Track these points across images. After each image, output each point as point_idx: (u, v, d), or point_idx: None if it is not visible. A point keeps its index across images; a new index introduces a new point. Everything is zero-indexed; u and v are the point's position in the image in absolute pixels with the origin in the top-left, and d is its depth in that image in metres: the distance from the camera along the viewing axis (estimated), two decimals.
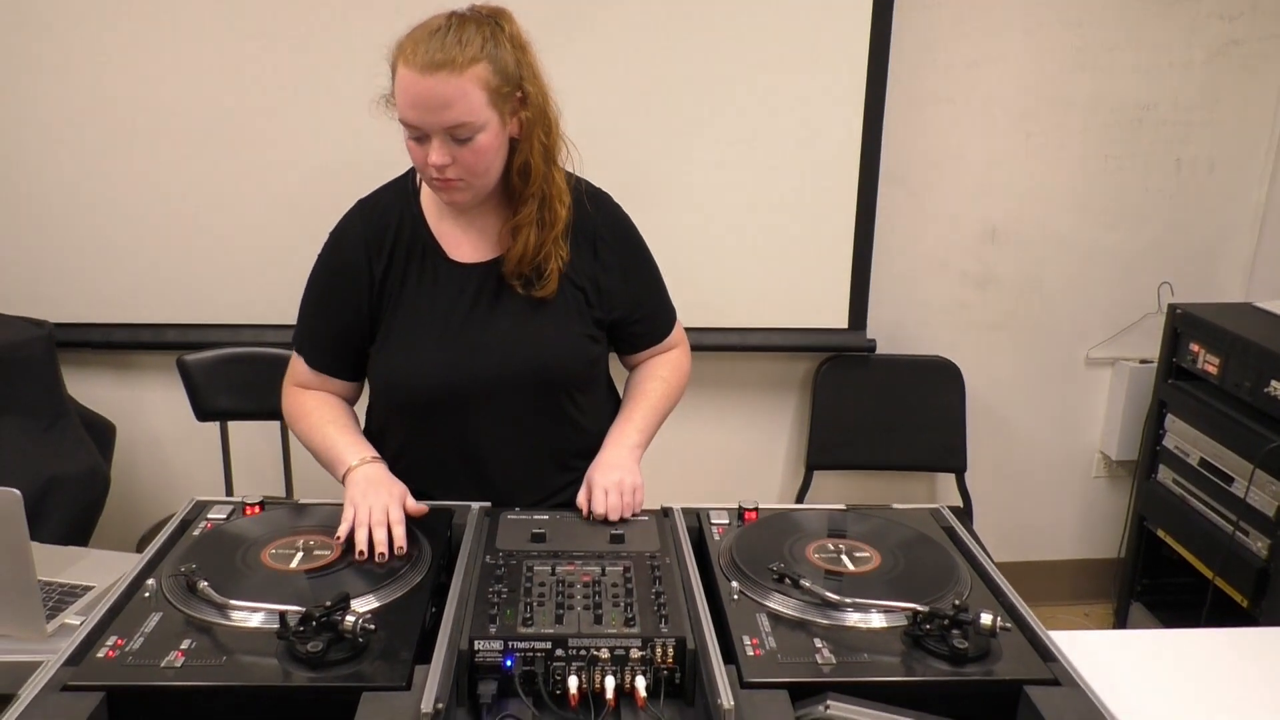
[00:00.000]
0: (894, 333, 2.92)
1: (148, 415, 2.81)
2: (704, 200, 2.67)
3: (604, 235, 1.61)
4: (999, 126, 2.76)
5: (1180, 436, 2.68)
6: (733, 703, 1.05)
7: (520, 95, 1.45)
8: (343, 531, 1.37)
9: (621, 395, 1.75)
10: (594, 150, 1.60)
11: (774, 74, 2.59)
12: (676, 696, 1.16)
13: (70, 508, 2.26)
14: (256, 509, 1.48)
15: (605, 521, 1.48)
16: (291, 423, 1.64)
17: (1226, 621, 2.07)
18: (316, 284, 1.61)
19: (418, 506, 1.46)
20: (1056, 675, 1.14)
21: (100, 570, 1.63)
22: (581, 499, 1.53)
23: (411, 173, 1.61)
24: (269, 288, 2.66)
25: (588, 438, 1.65)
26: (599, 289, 1.61)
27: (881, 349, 2.88)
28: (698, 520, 1.50)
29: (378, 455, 1.54)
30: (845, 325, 2.82)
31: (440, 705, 1.04)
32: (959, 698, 1.13)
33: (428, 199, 1.58)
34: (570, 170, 1.58)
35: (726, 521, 1.50)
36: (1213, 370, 2.56)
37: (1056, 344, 2.99)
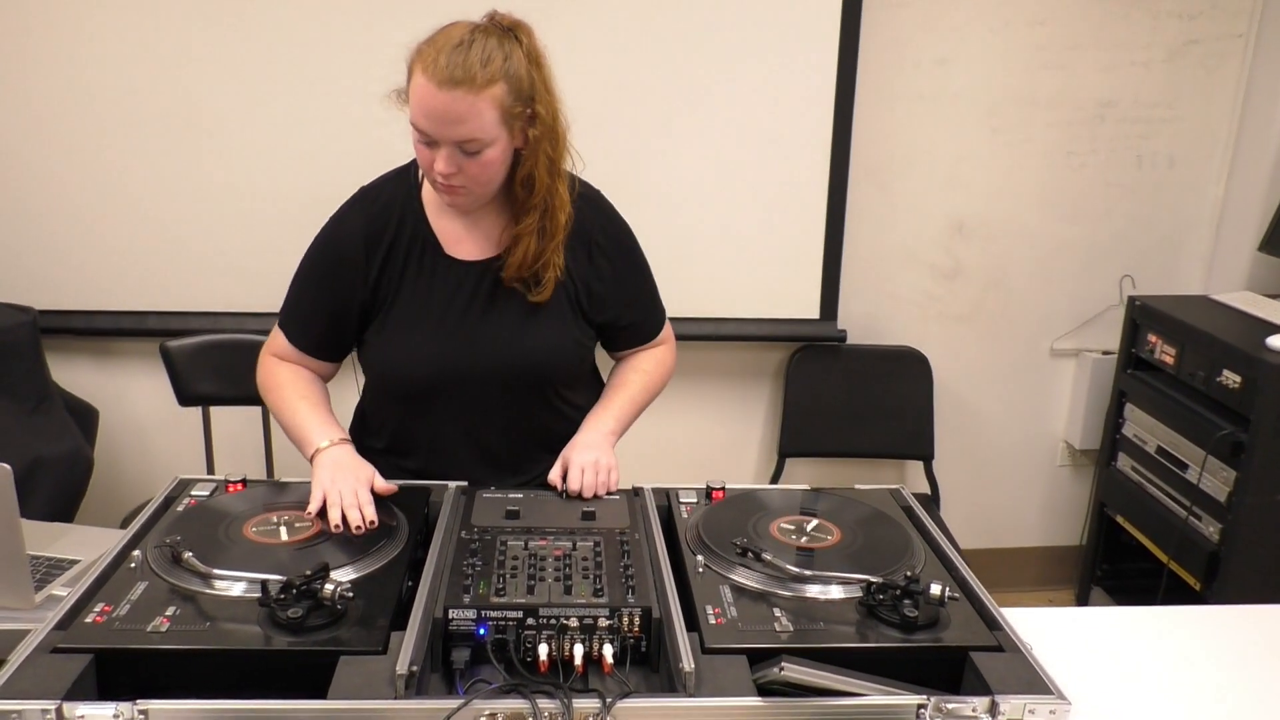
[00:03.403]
0: (864, 323, 2.98)
1: (130, 400, 2.84)
2: (679, 194, 2.72)
3: (599, 240, 1.64)
4: (966, 123, 2.83)
5: (1139, 425, 2.76)
6: (693, 666, 1.11)
7: (530, 113, 1.47)
8: (312, 509, 1.42)
9: (605, 382, 1.80)
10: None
11: (746, 71, 2.64)
12: (642, 664, 1.22)
13: (54, 489, 2.30)
14: (239, 486, 1.52)
15: (578, 498, 1.53)
16: (264, 391, 1.67)
17: (1180, 605, 2.14)
18: (310, 267, 1.63)
19: (386, 486, 1.50)
20: (1000, 642, 1.21)
21: (86, 545, 1.67)
22: (555, 476, 1.58)
23: (414, 165, 1.63)
24: (250, 276, 2.69)
25: (573, 424, 1.69)
26: (591, 292, 1.65)
27: (852, 339, 2.95)
28: (667, 499, 1.56)
29: (346, 436, 1.57)
30: (817, 316, 2.88)
31: (414, 668, 1.09)
32: (909, 663, 1.18)
33: (429, 194, 1.60)
34: (571, 172, 1.60)
35: (695, 500, 1.55)
36: (1169, 361, 2.63)
37: (1022, 335, 3.07)
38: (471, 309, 1.59)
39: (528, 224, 1.54)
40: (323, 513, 1.42)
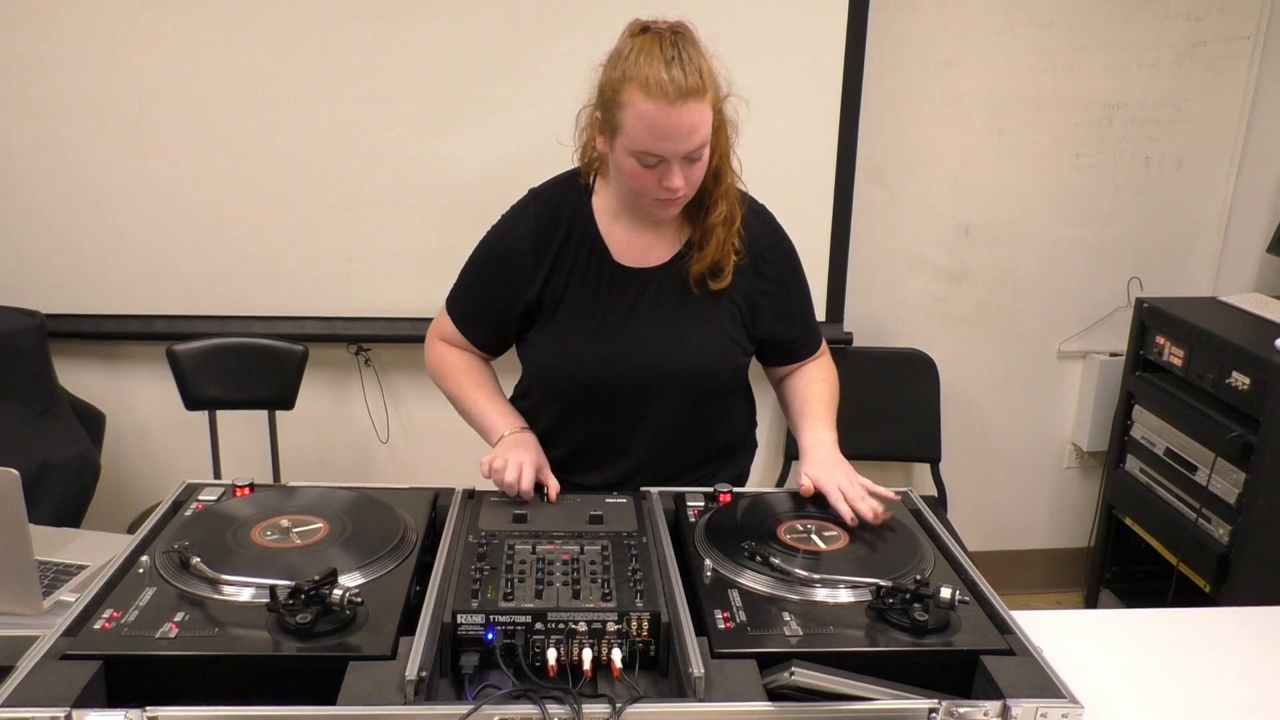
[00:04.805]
0: (871, 326, 2.97)
1: (137, 404, 2.84)
2: None
3: (766, 254, 1.64)
4: (973, 125, 2.82)
5: (1147, 427, 2.75)
6: (703, 670, 1.11)
7: (719, 107, 1.48)
8: (485, 461, 1.53)
9: (786, 405, 1.78)
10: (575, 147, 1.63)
11: (752, 73, 2.61)
12: (651, 668, 1.21)
13: (62, 493, 2.30)
14: (246, 491, 1.52)
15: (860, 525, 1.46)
16: (437, 377, 1.72)
17: (1190, 607, 2.13)
18: (479, 264, 1.65)
19: (553, 482, 1.54)
20: (1011, 646, 1.20)
21: (93, 550, 1.67)
22: (837, 503, 1.48)
23: (578, 172, 1.63)
24: (257, 280, 2.70)
25: (724, 437, 1.71)
26: (754, 305, 1.64)
27: (858, 341, 2.94)
28: (674, 503, 1.55)
29: (526, 425, 1.63)
30: (823, 318, 2.87)
31: (424, 674, 1.09)
32: (919, 667, 1.18)
33: (600, 202, 1.61)
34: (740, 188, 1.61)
35: (702, 504, 1.55)
36: (1178, 362, 2.63)
37: (1029, 337, 3.06)
38: (635, 314, 1.60)
39: (719, 214, 1.55)
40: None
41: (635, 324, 1.60)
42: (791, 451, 2.97)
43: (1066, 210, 2.93)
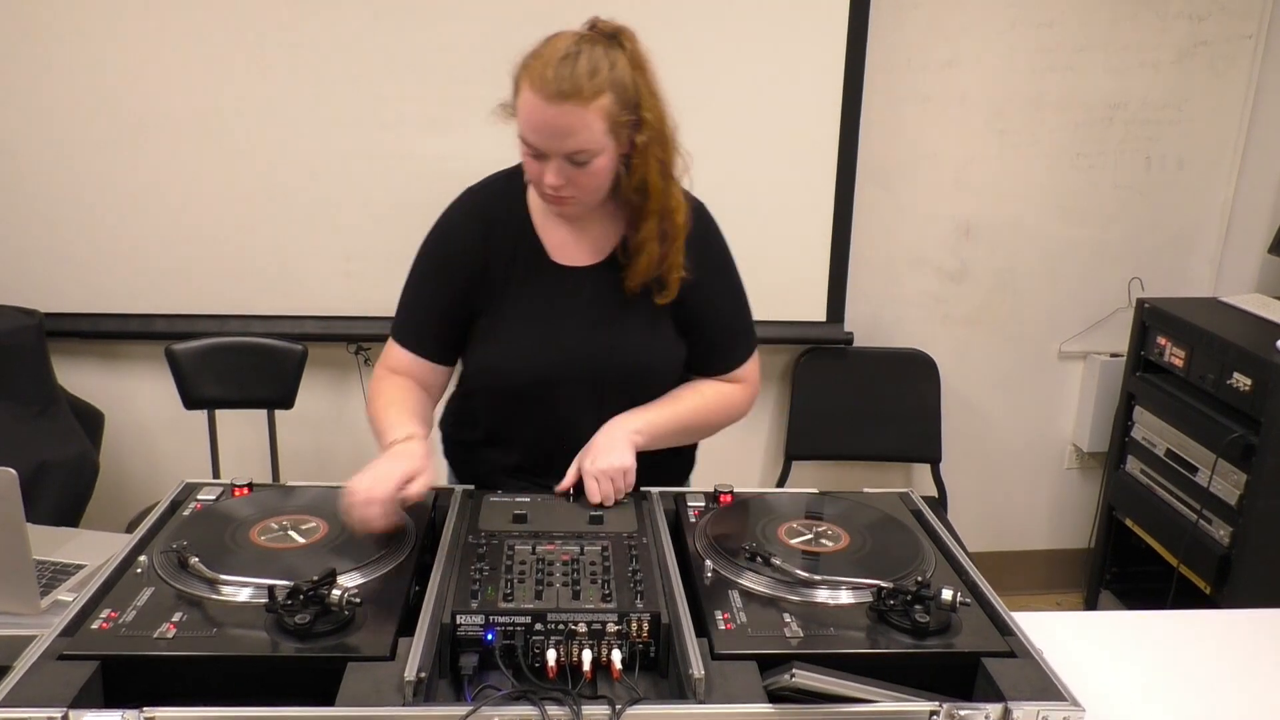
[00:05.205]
0: (871, 326, 2.97)
1: (136, 404, 2.84)
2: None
3: (700, 248, 1.62)
4: (973, 125, 2.82)
5: (1147, 428, 2.74)
6: (703, 672, 1.10)
7: (636, 120, 1.46)
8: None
9: None
10: None
11: (753, 73, 2.64)
12: (651, 669, 1.21)
13: (60, 493, 2.29)
14: (245, 490, 1.52)
15: (597, 506, 1.50)
16: (368, 405, 1.64)
17: (1190, 609, 2.13)
18: (423, 269, 1.64)
19: (419, 494, 1.41)
20: (1012, 648, 1.19)
21: (91, 550, 1.66)
22: (567, 485, 1.54)
23: (519, 169, 1.61)
24: (256, 279, 2.69)
25: None
26: (683, 301, 1.62)
27: (859, 341, 2.94)
28: (675, 503, 1.55)
29: (414, 433, 1.50)
30: (824, 318, 2.87)
31: (422, 675, 1.08)
32: (920, 669, 1.17)
33: (535, 200, 1.60)
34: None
35: (703, 504, 1.54)
36: (1179, 363, 2.62)
37: (1029, 338, 3.06)
38: (574, 314, 1.59)
39: (648, 230, 1.53)
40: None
41: (573, 323, 1.59)
42: (792, 452, 2.97)
43: (1067, 210, 2.93)
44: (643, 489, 1.58)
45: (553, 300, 1.59)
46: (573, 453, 1.61)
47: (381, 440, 1.52)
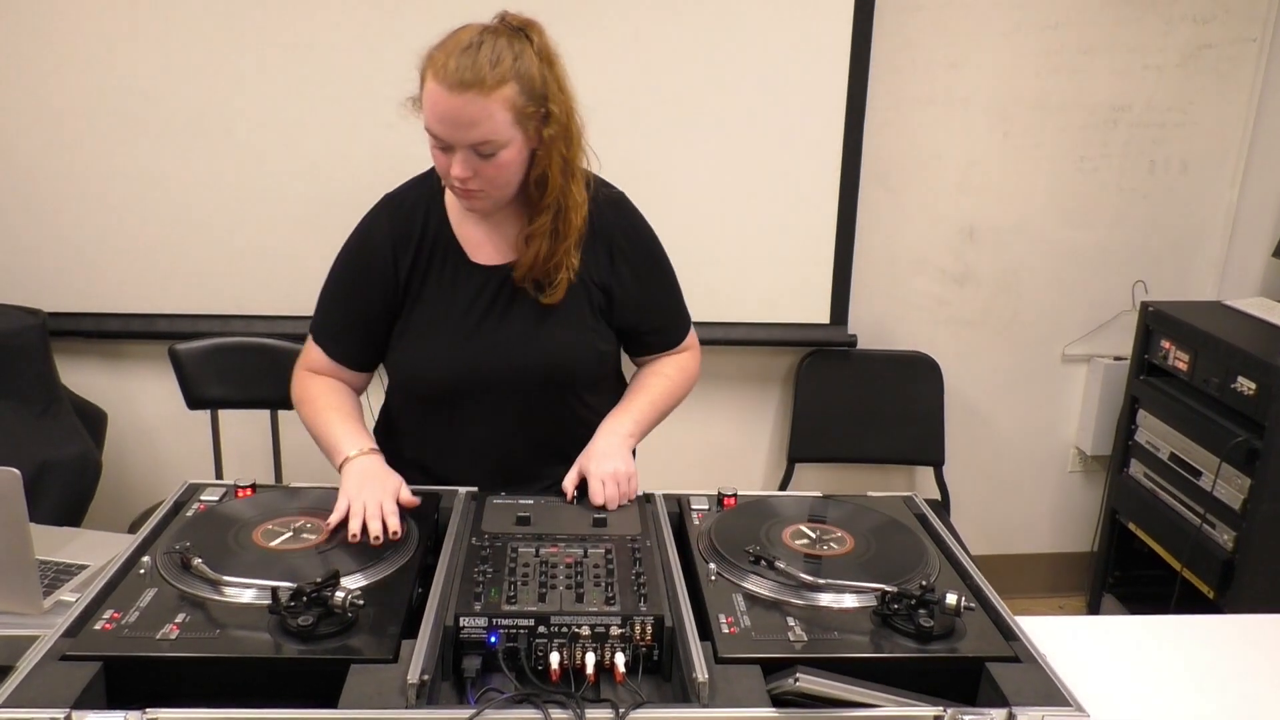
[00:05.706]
0: (875, 328, 2.97)
1: (139, 403, 2.83)
2: (689, 197, 2.71)
3: (620, 243, 1.63)
4: (977, 127, 2.82)
5: (1151, 431, 2.74)
6: (706, 676, 1.10)
7: (544, 112, 1.46)
8: (333, 520, 1.39)
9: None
10: None
11: (757, 74, 2.64)
12: (654, 673, 1.20)
13: (62, 493, 2.29)
14: (248, 491, 1.52)
15: (600, 509, 1.50)
16: (297, 405, 1.66)
17: (1194, 613, 2.12)
18: (340, 276, 1.64)
19: (410, 499, 1.48)
20: (1017, 653, 1.19)
21: (94, 550, 1.66)
22: (569, 485, 1.55)
23: (435, 170, 1.62)
24: (260, 279, 2.69)
25: (592, 432, 1.67)
26: (611, 296, 1.64)
27: (862, 344, 2.93)
28: (678, 506, 1.55)
29: (375, 447, 1.56)
30: (827, 320, 2.87)
31: (426, 677, 1.08)
32: (925, 673, 1.17)
33: (451, 200, 1.61)
34: (594, 175, 1.59)
35: (706, 507, 1.54)
36: (1183, 367, 2.62)
37: (1033, 341, 3.05)
38: (491, 314, 1.59)
39: (540, 224, 1.54)
40: (344, 523, 1.39)
41: (491, 323, 1.59)
42: (795, 454, 2.97)
43: (1071, 213, 2.92)
44: (646, 492, 1.58)
45: (470, 300, 1.59)
46: (494, 462, 1.64)
47: (333, 453, 1.54)
